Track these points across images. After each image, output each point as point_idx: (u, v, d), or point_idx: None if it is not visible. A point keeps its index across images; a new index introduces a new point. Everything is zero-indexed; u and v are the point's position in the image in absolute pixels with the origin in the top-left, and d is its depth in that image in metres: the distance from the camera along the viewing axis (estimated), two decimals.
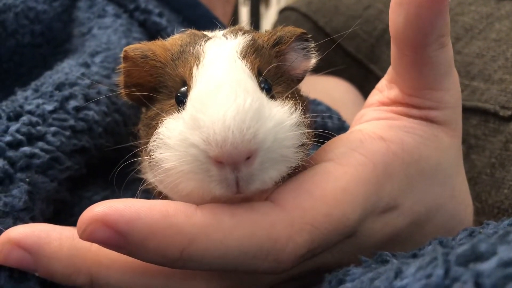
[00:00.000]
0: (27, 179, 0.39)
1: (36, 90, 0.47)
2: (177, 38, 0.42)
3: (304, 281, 0.40)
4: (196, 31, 0.43)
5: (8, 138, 0.40)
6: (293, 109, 0.36)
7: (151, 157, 0.36)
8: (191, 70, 0.36)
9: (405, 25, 0.39)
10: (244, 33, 0.40)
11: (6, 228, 0.36)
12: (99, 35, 0.62)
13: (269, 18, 1.71)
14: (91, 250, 0.35)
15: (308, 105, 0.42)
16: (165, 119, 0.36)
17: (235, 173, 0.32)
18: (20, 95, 0.47)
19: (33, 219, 0.39)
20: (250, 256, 0.33)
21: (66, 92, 0.47)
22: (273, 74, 0.39)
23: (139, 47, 0.41)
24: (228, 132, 0.31)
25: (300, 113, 0.36)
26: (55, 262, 0.34)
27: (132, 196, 0.50)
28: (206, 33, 0.43)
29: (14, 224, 0.37)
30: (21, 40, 0.62)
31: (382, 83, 0.47)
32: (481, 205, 0.68)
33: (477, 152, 0.71)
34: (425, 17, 0.38)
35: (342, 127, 0.65)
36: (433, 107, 0.43)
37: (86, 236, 0.31)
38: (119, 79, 0.43)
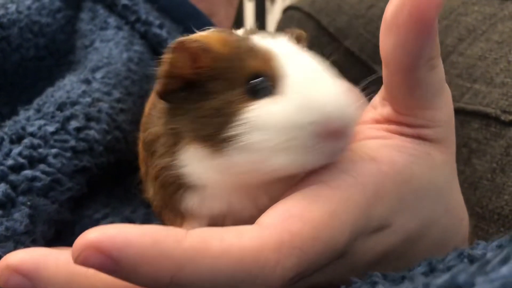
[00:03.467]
0: (28, 203, 0.40)
1: (38, 110, 0.49)
2: (227, 34, 0.42)
3: None
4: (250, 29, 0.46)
5: (10, 162, 0.42)
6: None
7: (238, 142, 0.38)
8: (267, 62, 0.40)
9: (394, 49, 0.39)
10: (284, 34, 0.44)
11: (7, 252, 0.37)
12: (101, 48, 0.63)
13: (274, 14, 1.71)
14: (87, 275, 0.36)
15: None
16: (245, 106, 0.38)
17: (339, 143, 0.38)
18: (22, 115, 0.49)
19: (34, 242, 0.40)
20: (238, 280, 0.34)
21: (67, 112, 0.48)
22: None
23: (197, 39, 0.40)
24: (344, 107, 0.37)
25: None
26: (52, 287, 0.36)
27: (133, 212, 0.51)
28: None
29: (15, 248, 0.38)
30: (25, 54, 0.63)
31: (376, 100, 0.47)
32: (481, 210, 0.68)
33: (478, 156, 0.72)
34: (414, 42, 0.38)
35: None
36: (425, 125, 0.43)
37: (80, 261, 0.33)
38: (161, 69, 0.41)
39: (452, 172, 0.47)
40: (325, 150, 0.38)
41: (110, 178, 0.51)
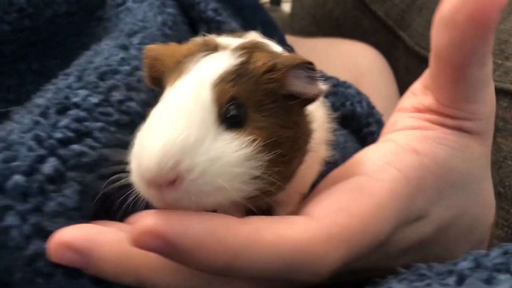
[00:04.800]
0: (78, 179, 0.40)
1: (79, 78, 0.48)
2: (189, 45, 0.42)
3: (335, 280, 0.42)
4: (210, 40, 0.43)
5: (58, 134, 0.41)
6: (250, 142, 0.36)
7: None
8: (168, 86, 0.39)
9: (448, 46, 0.39)
10: (243, 54, 0.39)
11: (59, 228, 0.38)
12: (134, 10, 0.62)
13: None
14: (139, 253, 0.37)
15: (298, 138, 0.40)
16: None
17: (160, 193, 0.35)
18: (62, 82, 0.48)
19: (83, 218, 0.41)
20: (288, 270, 0.35)
21: (109, 82, 0.47)
22: (257, 101, 0.38)
23: (155, 49, 0.43)
24: (151, 160, 0.34)
25: (259, 147, 0.36)
26: (104, 263, 0.37)
27: None
28: (220, 42, 0.42)
29: (67, 224, 0.39)
30: (57, 10, 0.62)
31: (417, 87, 0.47)
32: (504, 190, 0.69)
33: (504, 136, 0.72)
34: (470, 42, 0.38)
35: (371, 114, 0.65)
36: (467, 118, 0.43)
37: (139, 245, 0.34)
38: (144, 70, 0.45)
39: (487, 164, 0.47)
40: (151, 196, 0.36)
41: None
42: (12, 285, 0.40)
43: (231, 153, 0.36)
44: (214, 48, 0.41)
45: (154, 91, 0.53)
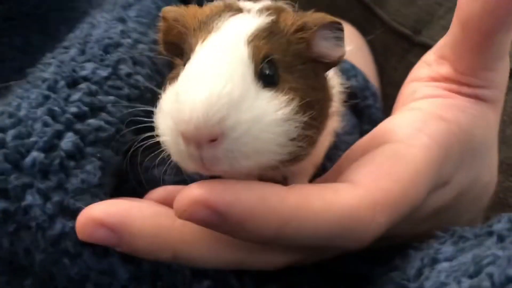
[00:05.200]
0: (98, 154, 0.38)
1: (82, 51, 0.45)
2: (210, 7, 0.41)
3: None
4: (233, 2, 0.42)
5: (73, 109, 0.39)
6: (288, 102, 0.35)
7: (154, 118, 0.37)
8: (197, 44, 0.37)
9: (482, 13, 0.40)
10: (271, 13, 0.39)
11: (86, 205, 0.36)
12: None
13: None
14: (174, 227, 0.36)
15: (322, 100, 0.40)
16: (170, 85, 0.37)
17: (199, 151, 0.33)
18: (64, 56, 0.45)
19: (105, 195, 0.39)
20: (336, 236, 0.36)
21: (115, 55, 0.45)
22: (288, 61, 0.37)
23: (173, 10, 0.42)
24: (194, 112, 0.32)
25: (296, 108, 0.36)
26: (138, 240, 0.35)
27: None
28: (243, 5, 0.42)
29: (91, 201, 0.37)
30: None
31: (431, 57, 0.48)
32: None
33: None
34: (505, 9, 0.39)
35: (366, 87, 0.66)
36: (485, 86, 0.45)
37: (186, 216, 0.33)
38: (159, 36, 0.43)
39: (497, 132, 0.49)
40: (189, 153, 0.34)
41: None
42: (28, 268, 0.38)
43: (273, 112, 0.34)
44: (238, 9, 0.40)
45: (156, 66, 0.51)
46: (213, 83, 0.33)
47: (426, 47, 0.82)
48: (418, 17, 0.91)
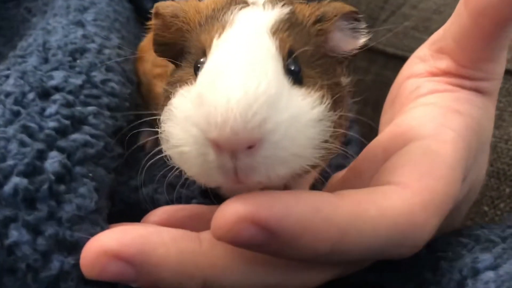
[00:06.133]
0: (90, 174, 0.32)
1: (45, 59, 0.39)
2: (212, 1, 0.37)
3: None
4: None
5: (52, 123, 0.33)
6: (320, 100, 0.32)
7: (162, 128, 0.32)
8: (212, 40, 0.32)
9: (499, 2, 0.38)
10: (284, 4, 0.35)
11: (86, 235, 0.30)
12: None
13: None
14: (202, 251, 0.31)
15: (344, 97, 0.37)
16: (181, 89, 0.32)
17: (233, 161, 0.28)
18: (24, 65, 0.38)
19: (104, 222, 0.33)
20: (393, 243, 0.32)
21: (84, 60, 0.40)
22: (309, 55, 0.34)
23: (171, 5, 0.37)
24: (230, 115, 0.27)
25: (328, 106, 0.32)
26: (163, 270, 0.30)
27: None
28: None
29: (93, 229, 0.31)
30: None
31: (425, 52, 0.46)
32: None
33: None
34: None
35: None
36: (485, 78, 0.44)
37: (229, 238, 0.28)
38: (150, 36, 0.39)
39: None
40: (220, 164, 0.29)
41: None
42: None
43: (309, 111, 0.30)
44: (244, 2, 0.35)
45: (126, 72, 0.46)
46: (247, 81, 0.28)
47: (372, 51, 0.82)
48: None
